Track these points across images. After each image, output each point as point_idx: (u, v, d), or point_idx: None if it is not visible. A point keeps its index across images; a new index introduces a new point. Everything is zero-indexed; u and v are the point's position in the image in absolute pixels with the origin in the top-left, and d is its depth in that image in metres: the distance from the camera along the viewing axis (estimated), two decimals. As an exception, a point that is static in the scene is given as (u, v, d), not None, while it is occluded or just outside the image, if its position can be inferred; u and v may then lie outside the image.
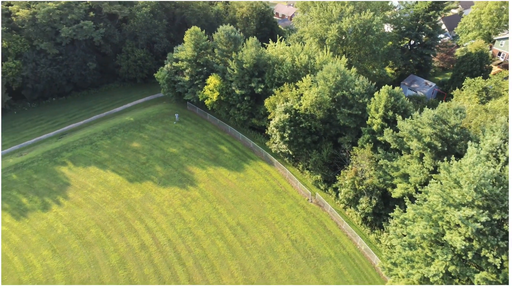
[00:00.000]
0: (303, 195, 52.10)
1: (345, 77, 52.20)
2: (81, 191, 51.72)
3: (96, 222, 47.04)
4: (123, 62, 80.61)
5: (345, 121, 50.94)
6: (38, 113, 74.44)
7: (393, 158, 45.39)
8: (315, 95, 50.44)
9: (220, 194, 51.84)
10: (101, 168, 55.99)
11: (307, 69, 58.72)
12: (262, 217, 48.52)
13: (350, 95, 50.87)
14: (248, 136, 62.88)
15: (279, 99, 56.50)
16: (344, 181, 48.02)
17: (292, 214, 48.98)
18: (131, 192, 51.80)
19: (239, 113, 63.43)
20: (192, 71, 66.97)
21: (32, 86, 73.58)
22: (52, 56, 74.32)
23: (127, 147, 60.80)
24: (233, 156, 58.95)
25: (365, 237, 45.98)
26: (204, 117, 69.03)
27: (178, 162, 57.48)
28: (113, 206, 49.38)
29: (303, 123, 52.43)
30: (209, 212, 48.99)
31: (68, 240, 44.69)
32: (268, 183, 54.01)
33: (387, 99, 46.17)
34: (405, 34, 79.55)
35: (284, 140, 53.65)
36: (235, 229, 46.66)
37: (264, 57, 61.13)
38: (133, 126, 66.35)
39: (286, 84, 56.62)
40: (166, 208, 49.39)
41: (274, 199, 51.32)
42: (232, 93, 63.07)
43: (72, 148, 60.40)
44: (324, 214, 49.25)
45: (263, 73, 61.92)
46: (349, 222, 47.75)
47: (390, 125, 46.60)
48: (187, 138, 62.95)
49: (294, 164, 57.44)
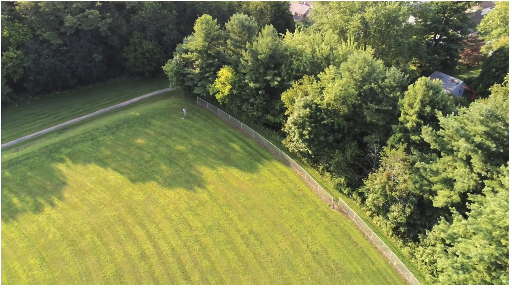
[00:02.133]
0: (324, 200, 46.34)
1: (373, 69, 46.33)
2: (78, 191, 46.91)
3: (92, 227, 42.07)
4: (131, 55, 76.13)
5: (373, 118, 45.16)
6: (41, 107, 70.45)
7: (430, 161, 39.36)
8: (339, 88, 44.70)
9: (231, 197, 46.45)
10: (101, 166, 51.15)
11: (328, 60, 52.99)
12: (278, 224, 42.91)
13: (379, 88, 45.03)
14: (262, 134, 57.40)
15: (298, 93, 50.88)
16: (372, 186, 42.12)
17: (312, 222, 43.25)
18: (132, 193, 46.78)
19: (252, 109, 57.99)
20: (203, 63, 61.85)
21: (34, 78, 69.51)
22: (55, 46, 70.24)
23: (130, 143, 55.92)
24: (246, 155, 53.52)
25: (397, 251, 39.96)
26: (214, 113, 63.81)
27: (185, 160, 52.31)
28: (112, 209, 44.40)
29: (325, 120, 46.70)
30: (218, 217, 43.62)
31: (60, 247, 39.77)
32: (285, 185, 48.39)
33: (424, 92, 40.21)
34: (431, 27, 73.18)
35: (303, 138, 47.99)
36: (248, 238, 41.16)
37: (281, 48, 55.61)
38: (138, 121, 61.50)
39: (305, 77, 50.97)
40: (170, 212, 44.19)
41: (292, 204, 45.67)
42: (245, 86, 57.69)
43: (71, 143, 55.78)
44: (349, 223, 43.39)
45: (280, 65, 56.40)
46: (377, 232, 41.80)
47: (426, 122, 40.70)
48: (195, 135, 57.77)
49: (313, 165, 51.68)
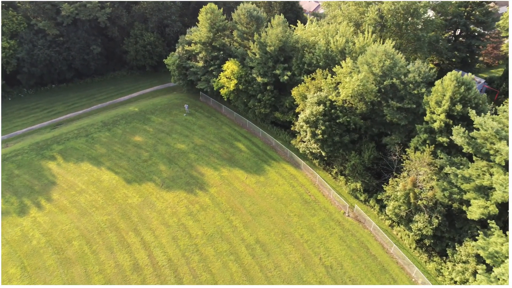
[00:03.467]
0: (338, 207, 41.98)
1: (395, 62, 41.88)
2: (68, 192, 42.86)
3: (81, 233, 37.97)
4: (131, 47, 72.02)
5: (394, 117, 40.75)
6: (35, 101, 66.57)
7: (460, 166, 34.90)
8: (357, 83, 40.30)
9: (235, 201, 42.21)
10: (95, 164, 47.08)
11: (343, 54, 48.56)
12: (288, 233, 38.61)
13: (401, 84, 40.59)
14: (269, 133, 53.09)
15: (310, 89, 46.54)
16: (394, 192, 37.70)
17: (325, 231, 38.91)
18: (127, 195, 42.66)
19: (259, 105, 53.68)
20: (207, 56, 57.62)
21: (28, 70, 65.56)
22: (51, 37, 66.26)
23: (128, 141, 51.81)
24: (252, 156, 49.25)
25: (421, 267, 35.53)
26: (218, 110, 59.57)
27: (186, 160, 48.13)
28: (104, 212, 40.30)
29: (340, 118, 42.33)
30: (221, 224, 39.39)
31: (44, 254, 35.70)
32: (294, 190, 44.07)
33: (454, 89, 35.73)
34: (451, 22, 68.40)
35: (315, 138, 43.63)
36: (254, 249, 36.89)
37: (291, 40, 51.26)
38: (137, 117, 57.40)
39: (319, 71, 46.60)
40: (168, 217, 40.01)
41: (302, 210, 41.34)
42: (252, 81, 53.39)
43: (64, 140, 51.76)
44: (366, 233, 39.01)
45: (290, 59, 52.06)
46: (398, 245, 37.38)
47: (456, 122, 36.27)
48: (198, 133, 53.57)
49: (326, 167, 47.30)
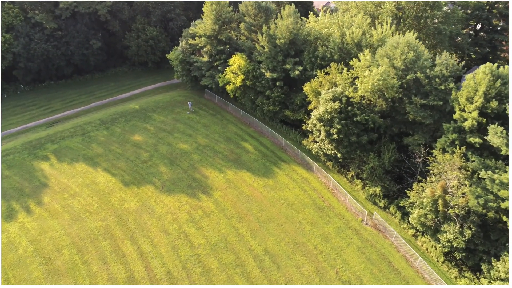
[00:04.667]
0: (355, 214, 38.15)
1: (419, 55, 38.00)
2: (60, 195, 39.47)
3: (72, 240, 34.51)
4: (133, 42, 68.85)
5: (417, 115, 36.94)
6: (32, 98, 63.56)
7: (496, 169, 30.97)
8: (378, 78, 36.47)
9: (242, 207, 38.55)
10: (90, 165, 43.68)
11: (360, 47, 44.74)
12: (300, 243, 34.85)
13: (426, 79, 36.73)
14: (279, 132, 49.38)
15: (324, 84, 42.78)
16: (419, 199, 33.81)
17: (342, 241, 35.09)
18: (124, 199, 39.17)
19: (268, 103, 49.99)
20: (212, 50, 54.06)
21: (24, 65, 62.54)
22: (49, 31, 63.20)
23: (126, 140, 48.37)
24: (260, 157, 45.58)
25: (450, 282, 31.60)
26: (224, 107, 55.97)
27: (188, 161, 44.57)
28: (98, 218, 36.82)
29: (358, 116, 38.54)
30: (226, 232, 35.74)
31: (30, 265, 32.28)
32: (306, 194, 40.32)
33: (489, 83, 31.80)
34: (472, 15, 64.22)
35: (330, 138, 39.83)
36: (262, 260, 33.19)
37: (303, 32, 47.55)
38: (137, 115, 53.96)
39: (333, 65, 42.82)
40: (168, 224, 36.44)
41: (315, 217, 37.57)
42: (260, 76, 49.72)
43: (59, 139, 48.45)
44: (387, 243, 35.13)
45: (301, 52, 48.34)
46: (424, 257, 33.47)
47: (490, 121, 32.38)
48: (202, 132, 50.00)
49: (340, 170, 43.46)
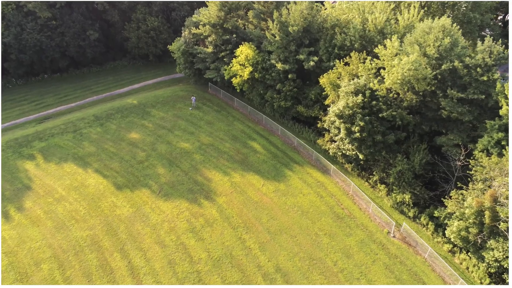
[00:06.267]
0: (380, 225, 33.11)
1: (455, 42, 32.87)
2: (44, 199, 34.92)
3: (54, 252, 29.90)
4: (133, 33, 64.32)
5: (453, 111, 31.87)
6: (24, 92, 59.33)
7: (554, 175, 25.80)
8: (408, 67, 31.37)
9: (250, 215, 33.70)
10: (80, 166, 39.11)
11: (383, 34, 39.70)
12: (317, 259, 29.90)
13: (464, 68, 31.63)
14: (290, 131, 44.46)
15: (343, 76, 37.78)
16: (459, 209, 28.69)
17: (366, 257, 30.09)
18: (116, 204, 34.50)
19: (279, 98, 45.08)
20: (217, 40, 49.25)
21: (16, 56, 58.31)
22: (43, 20, 58.91)
23: (122, 138, 43.77)
24: (269, 158, 40.70)
25: (499, 311, 26.54)
26: (230, 103, 51.13)
27: (190, 162, 39.83)
28: (85, 226, 32.19)
29: (384, 112, 33.51)
30: (231, 245, 30.90)
31: (3, 281, 27.65)
32: (323, 201, 35.34)
33: (546, 72, 26.64)
34: (503, 4, 59.00)
35: (352, 137, 34.78)
36: (273, 279, 28.30)
37: (319, 18, 42.61)
38: (135, 110, 49.35)
39: (354, 54, 37.78)
40: (164, 234, 31.69)
41: (334, 228, 32.59)
42: (270, 68, 44.81)
43: (48, 136, 43.97)
44: (419, 261, 30.05)
45: (317, 42, 43.37)
46: (465, 278, 28.33)
47: (546, 117, 27.30)
48: (205, 130, 45.24)
49: (361, 173, 38.35)
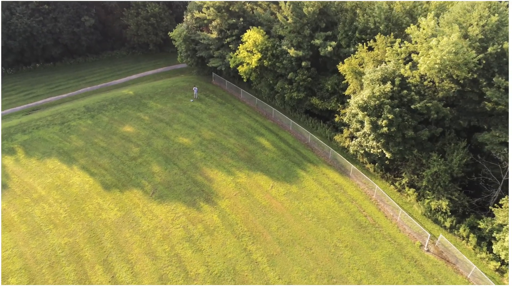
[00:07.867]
0: (410, 236, 28.11)
1: (503, 21, 27.80)
2: (20, 199, 30.33)
3: (25, 263, 25.26)
4: (131, 20, 59.68)
5: (501, 102, 26.79)
6: (13, 82, 54.95)
7: None
8: (449, 48, 26.31)
9: (257, 222, 28.86)
10: (65, 162, 34.49)
11: (412, 16, 34.70)
12: (337, 276, 25.01)
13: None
14: (303, 125, 39.53)
15: (367, 62, 32.79)
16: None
17: (396, 275, 25.13)
18: (102, 207, 29.81)
19: (291, 88, 40.18)
20: (222, 24, 44.44)
21: (4, 43, 53.87)
22: (34, 4, 54.53)
23: (114, 131, 39.11)
24: (279, 156, 35.82)
25: None
26: (235, 95, 46.31)
27: (189, 160, 35.07)
28: (64, 233, 27.53)
29: (417, 103, 28.48)
30: (234, 257, 26.09)
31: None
32: (342, 206, 30.40)
33: None
34: None
35: (378, 132, 29.76)
36: (285, 302, 23.50)
37: (336, 0, 37.74)
38: (130, 101, 44.70)
39: (380, 36, 32.74)
40: (157, 243, 26.94)
41: (356, 239, 27.66)
42: (282, 55, 39.92)
43: (32, 128, 39.44)
44: (460, 281, 25.03)
45: (334, 25, 38.45)
46: (519, 305, 23.37)
47: None
48: (207, 124, 40.47)
49: (385, 175, 33.28)
